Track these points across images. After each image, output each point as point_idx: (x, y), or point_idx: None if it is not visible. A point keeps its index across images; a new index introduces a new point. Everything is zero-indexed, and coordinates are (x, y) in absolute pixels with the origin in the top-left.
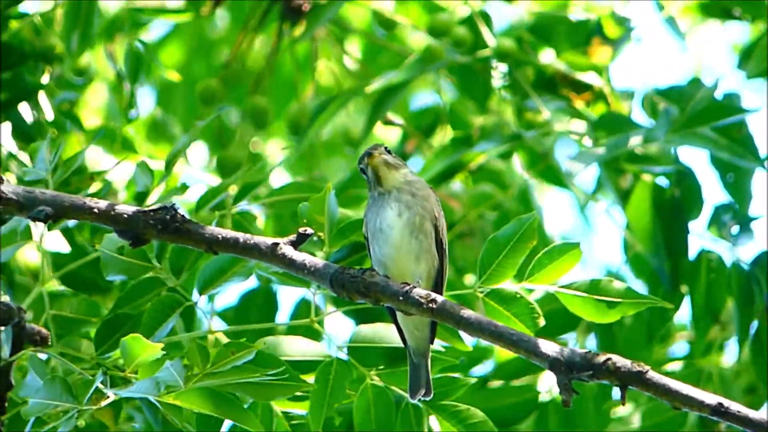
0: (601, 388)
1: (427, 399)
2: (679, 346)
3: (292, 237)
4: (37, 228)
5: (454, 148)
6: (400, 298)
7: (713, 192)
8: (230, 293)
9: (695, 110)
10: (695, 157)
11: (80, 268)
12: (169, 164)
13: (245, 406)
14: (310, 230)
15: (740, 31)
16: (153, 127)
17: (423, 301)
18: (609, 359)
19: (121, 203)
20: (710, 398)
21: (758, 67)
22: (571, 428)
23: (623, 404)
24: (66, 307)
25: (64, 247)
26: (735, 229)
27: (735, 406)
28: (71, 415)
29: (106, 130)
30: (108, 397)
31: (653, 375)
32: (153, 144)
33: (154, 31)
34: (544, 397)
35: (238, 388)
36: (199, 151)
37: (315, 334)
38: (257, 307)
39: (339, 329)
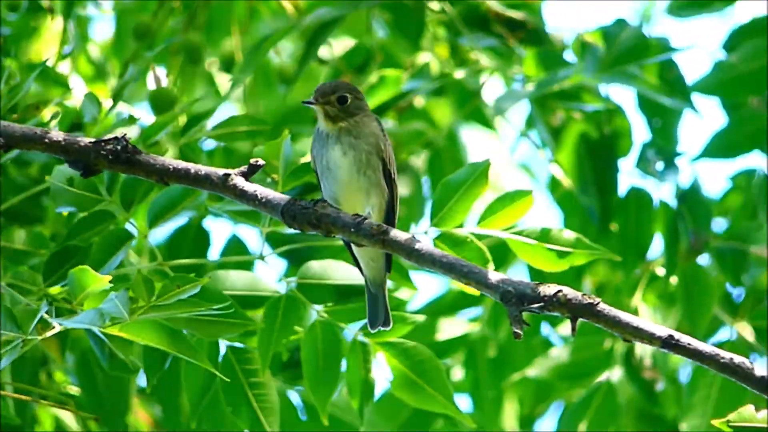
0: (531, 323)
1: (387, 329)
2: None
3: (244, 168)
4: None
5: (384, 86)
6: (352, 229)
7: (642, 130)
8: (160, 230)
9: (623, 48)
10: (625, 98)
11: (20, 203)
12: (118, 95)
13: (192, 341)
14: (261, 161)
15: None
16: (84, 59)
17: (374, 231)
18: (560, 291)
19: (73, 135)
20: (661, 330)
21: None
22: (500, 362)
23: (573, 335)
24: (14, 238)
25: None
26: (660, 165)
27: (685, 338)
28: (15, 345)
29: (41, 65)
30: (53, 327)
31: (604, 307)
32: (90, 83)
33: None
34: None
35: (183, 324)
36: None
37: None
38: (189, 244)
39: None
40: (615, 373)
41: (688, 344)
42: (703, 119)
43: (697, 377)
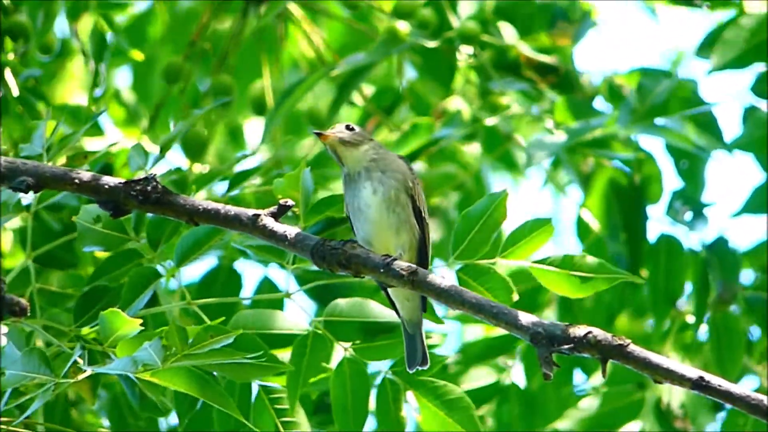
0: (563, 373)
1: (424, 368)
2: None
3: (273, 209)
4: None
5: (416, 133)
6: (381, 270)
7: (672, 178)
8: (192, 271)
9: (656, 100)
10: (655, 144)
11: (54, 248)
12: (164, 148)
13: (224, 381)
14: (290, 201)
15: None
16: (115, 101)
17: (404, 273)
18: (590, 332)
19: (102, 175)
20: (691, 372)
21: (721, 60)
22: (531, 412)
23: (604, 377)
24: (51, 281)
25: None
26: (688, 215)
27: (716, 380)
28: (48, 388)
29: (75, 108)
30: (85, 371)
31: (634, 348)
32: (122, 126)
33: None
34: (505, 382)
35: (215, 368)
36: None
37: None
38: (220, 285)
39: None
40: (646, 424)
41: (719, 386)
42: (733, 162)
43: (726, 429)
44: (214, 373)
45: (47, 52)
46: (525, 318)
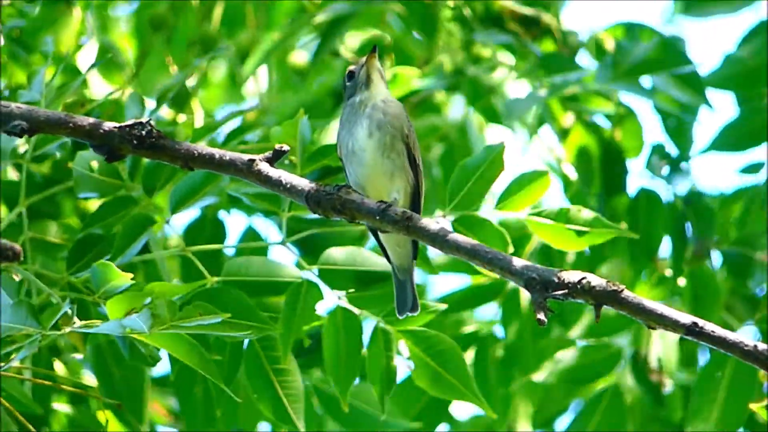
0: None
1: (415, 314)
2: None
3: (268, 154)
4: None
5: (397, 84)
6: (376, 216)
7: (653, 131)
8: (176, 220)
9: (638, 59)
10: (640, 101)
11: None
12: (161, 99)
13: None
14: (285, 146)
15: None
16: (102, 51)
17: (398, 218)
18: (584, 278)
19: (97, 119)
20: (684, 317)
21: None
22: (509, 363)
23: (597, 322)
24: (44, 231)
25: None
26: (666, 169)
27: (709, 326)
28: (34, 339)
29: (62, 56)
30: (75, 323)
31: (628, 294)
32: (102, 72)
33: None
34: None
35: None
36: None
37: None
38: (205, 235)
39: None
40: (621, 377)
41: (712, 332)
42: (717, 114)
43: (703, 381)
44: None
45: (32, 1)
46: (519, 263)
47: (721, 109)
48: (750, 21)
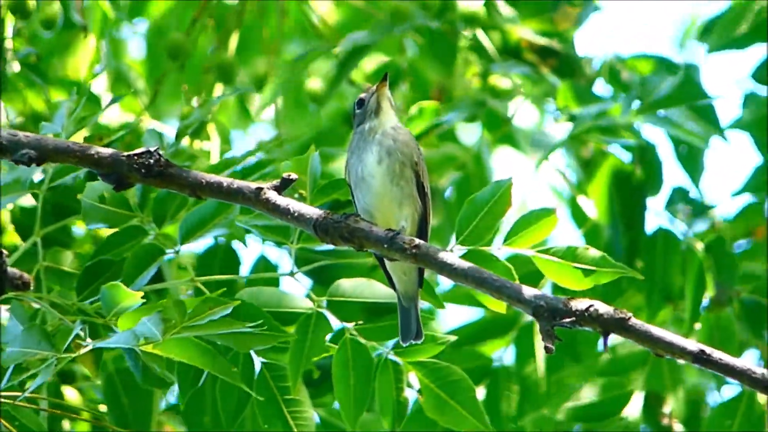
0: (554, 359)
1: (418, 342)
2: None
3: (276, 182)
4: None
5: (421, 117)
6: (384, 244)
7: (673, 170)
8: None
9: (661, 95)
10: (657, 132)
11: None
12: (180, 135)
13: (227, 357)
14: (294, 175)
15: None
16: (116, 77)
17: (406, 246)
18: (591, 306)
19: (105, 148)
20: (692, 345)
21: (719, 41)
22: (521, 396)
23: (605, 351)
24: (60, 260)
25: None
26: (688, 215)
27: (717, 354)
28: (50, 363)
29: (75, 84)
30: (87, 345)
31: (636, 322)
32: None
33: None
34: (495, 364)
35: (216, 337)
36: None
37: None
38: (218, 263)
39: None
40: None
41: (720, 359)
42: (731, 148)
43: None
44: (218, 342)
45: (49, 27)
46: (527, 291)
47: (735, 143)
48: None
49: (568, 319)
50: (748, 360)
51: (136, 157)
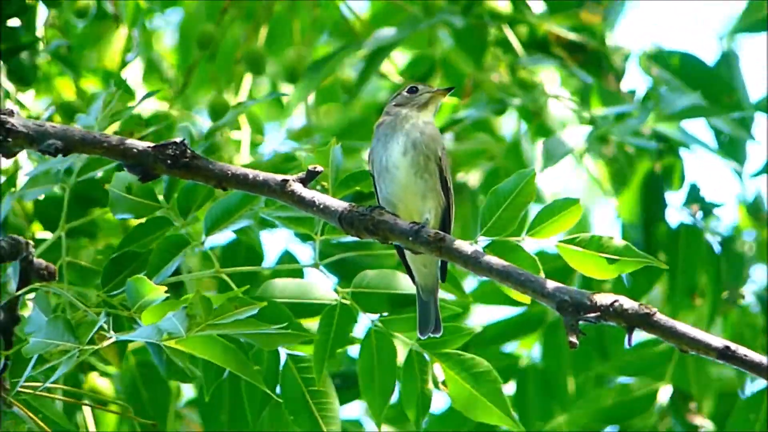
0: (580, 356)
1: (437, 336)
2: None
3: (302, 174)
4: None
5: (439, 113)
6: (410, 237)
7: (693, 167)
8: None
9: (680, 107)
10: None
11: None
12: (210, 134)
13: (251, 351)
14: (319, 167)
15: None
16: (148, 67)
17: (431, 239)
18: (616, 301)
19: (131, 139)
20: (717, 341)
21: (752, 18)
22: (548, 395)
23: (629, 345)
24: (82, 256)
25: None
26: (699, 213)
27: (742, 350)
28: (72, 355)
29: (108, 73)
30: (110, 337)
31: (660, 317)
32: (148, 84)
33: None
34: (523, 363)
35: (241, 335)
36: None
37: None
38: (242, 255)
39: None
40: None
41: (745, 356)
42: (760, 144)
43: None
44: (243, 339)
45: (82, 16)
46: (551, 285)
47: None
48: None
49: (592, 314)
50: None
51: (162, 148)
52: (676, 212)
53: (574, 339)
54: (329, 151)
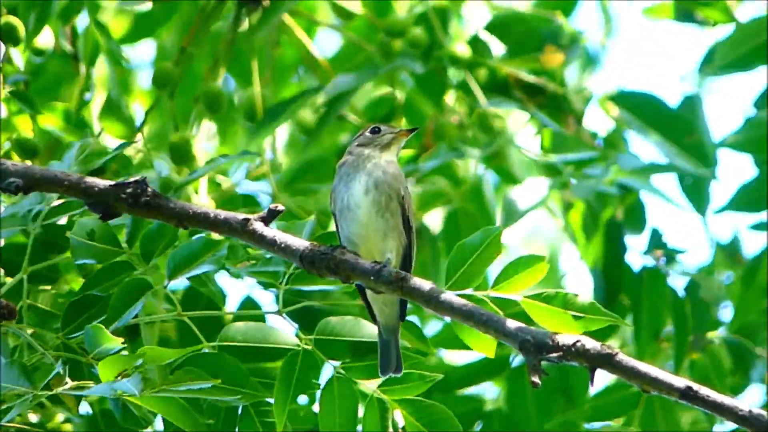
0: (545, 401)
1: (398, 375)
2: None
3: (263, 213)
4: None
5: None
6: (371, 276)
7: (655, 212)
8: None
9: (641, 165)
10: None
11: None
12: (179, 188)
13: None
14: (281, 206)
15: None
16: (107, 105)
17: (393, 278)
18: (578, 341)
19: (92, 177)
20: (679, 381)
21: (722, 63)
22: None
23: (591, 386)
24: (42, 299)
25: None
26: (662, 259)
27: (704, 390)
28: (25, 399)
29: (64, 111)
30: (67, 383)
31: (622, 357)
32: (108, 122)
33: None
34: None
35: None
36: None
37: None
38: (204, 299)
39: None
40: None
41: (707, 396)
42: (722, 183)
43: None
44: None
45: (40, 54)
46: (513, 325)
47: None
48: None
49: (554, 354)
50: (736, 399)
51: (123, 187)
52: (639, 256)
53: (536, 379)
54: (304, 226)
